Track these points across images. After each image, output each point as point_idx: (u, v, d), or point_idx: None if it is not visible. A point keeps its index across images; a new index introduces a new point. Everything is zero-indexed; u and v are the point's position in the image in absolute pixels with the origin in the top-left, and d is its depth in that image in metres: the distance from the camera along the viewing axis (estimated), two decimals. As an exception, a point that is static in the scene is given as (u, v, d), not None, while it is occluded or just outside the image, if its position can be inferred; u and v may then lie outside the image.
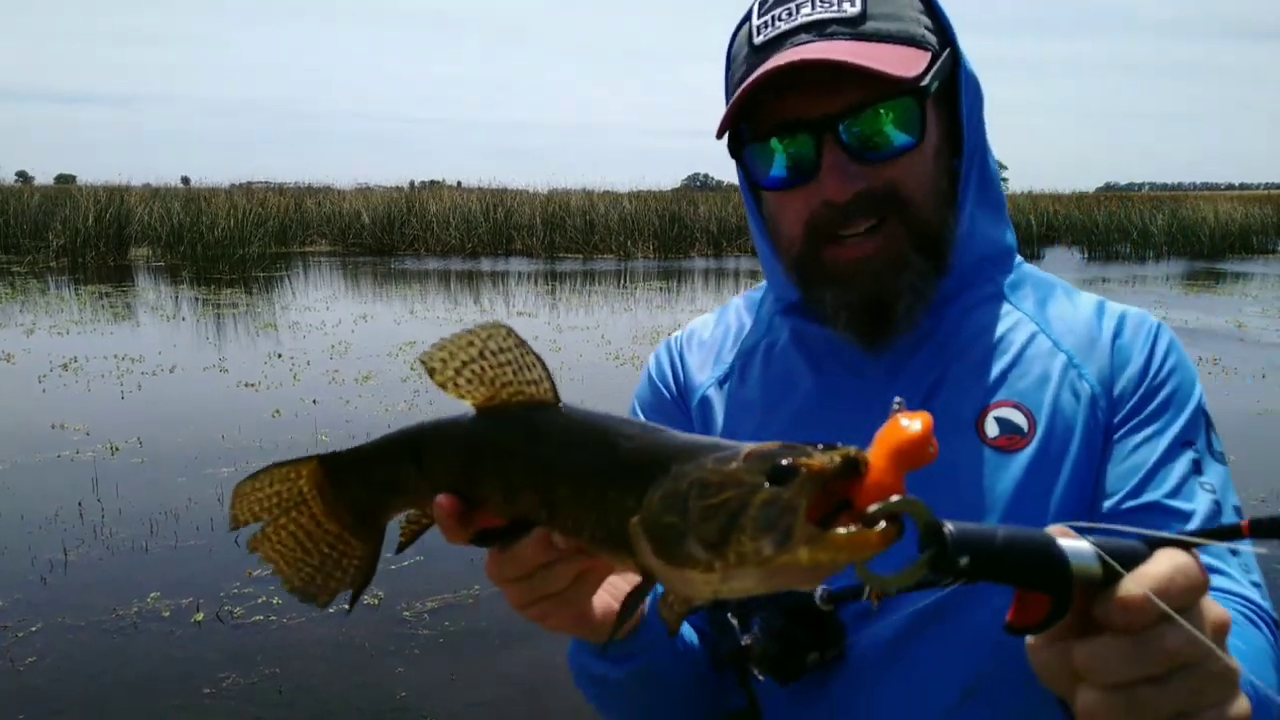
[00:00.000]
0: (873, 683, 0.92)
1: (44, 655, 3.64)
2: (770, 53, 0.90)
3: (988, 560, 0.53)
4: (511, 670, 3.57)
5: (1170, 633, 0.52)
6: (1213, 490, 0.90)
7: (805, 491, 0.51)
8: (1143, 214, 26.48)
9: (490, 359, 0.67)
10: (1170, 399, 0.95)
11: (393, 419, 7.02)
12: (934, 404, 0.95)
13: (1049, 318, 1.00)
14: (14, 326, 11.11)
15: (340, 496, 0.76)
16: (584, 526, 0.62)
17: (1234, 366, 9.29)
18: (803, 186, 0.92)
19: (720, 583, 0.53)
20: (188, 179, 52.69)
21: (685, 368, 1.10)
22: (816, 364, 1.00)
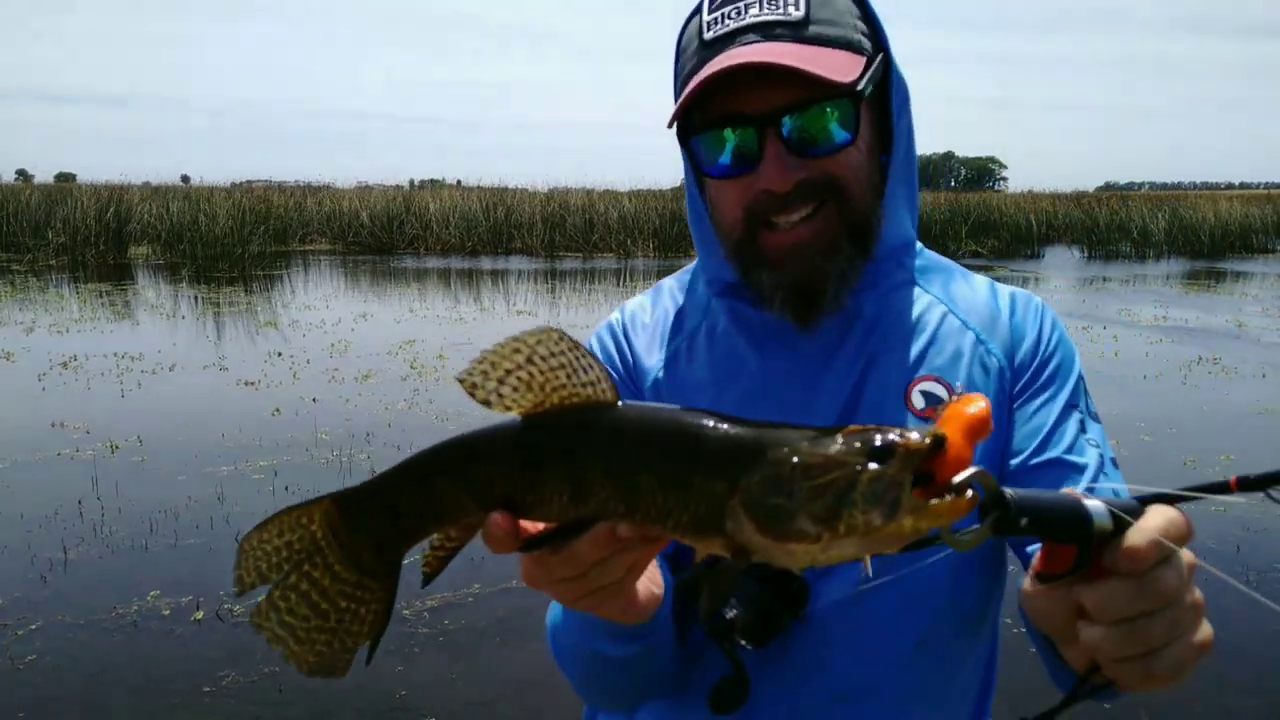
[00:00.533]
0: (833, 638, 0.99)
1: (44, 654, 3.64)
2: (720, 49, 0.96)
3: (1038, 520, 0.63)
4: (511, 670, 3.58)
5: (1166, 574, 0.64)
6: (1097, 445, 1.02)
7: (908, 467, 0.58)
8: (1143, 214, 26.48)
9: (540, 364, 0.66)
10: (1058, 369, 1.07)
11: (392, 417, 7.02)
12: (869, 380, 1.03)
13: (954, 298, 1.10)
14: (14, 325, 11.11)
15: (359, 536, 0.71)
16: (669, 515, 0.64)
17: (1234, 366, 9.29)
18: (744, 176, 0.98)
19: (820, 553, 0.60)
20: (188, 178, 52.69)
21: (633, 350, 1.14)
22: (758, 345, 1.07)
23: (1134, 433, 6.76)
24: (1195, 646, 0.67)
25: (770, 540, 0.61)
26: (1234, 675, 3.56)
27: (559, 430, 0.67)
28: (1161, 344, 10.56)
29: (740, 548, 0.63)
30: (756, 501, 0.61)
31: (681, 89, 1.00)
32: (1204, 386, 8.35)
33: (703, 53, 0.98)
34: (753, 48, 0.94)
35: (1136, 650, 0.66)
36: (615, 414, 0.66)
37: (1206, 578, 0.72)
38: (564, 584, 0.72)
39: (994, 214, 26.23)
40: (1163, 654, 0.66)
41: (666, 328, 1.14)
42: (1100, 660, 0.68)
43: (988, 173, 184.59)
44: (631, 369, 1.13)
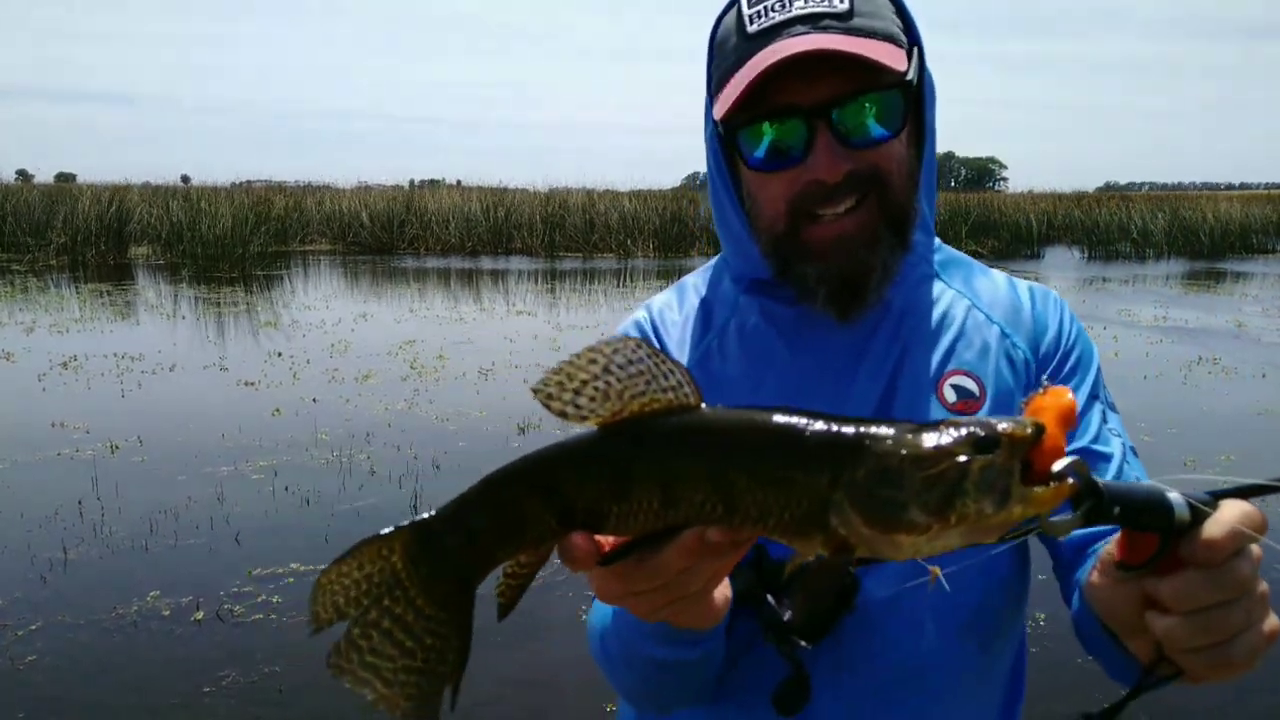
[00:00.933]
0: (880, 626, 1.00)
1: (44, 654, 3.64)
2: (766, 41, 0.95)
3: (1128, 509, 0.66)
4: (512, 670, 3.57)
5: (1240, 565, 0.66)
6: (1119, 435, 1.05)
7: (1015, 457, 0.60)
8: (1143, 214, 26.47)
9: (618, 372, 0.65)
10: (1080, 360, 1.08)
11: (392, 418, 7.02)
12: (902, 374, 1.04)
13: (977, 292, 1.12)
14: (14, 325, 11.11)
15: (442, 565, 0.67)
16: (769, 514, 0.64)
17: (1234, 366, 9.29)
18: (790, 169, 0.97)
19: (926, 543, 0.61)
20: (188, 178, 52.69)
21: (665, 349, 1.11)
22: (789, 341, 1.07)
23: (1134, 433, 6.67)
24: (1266, 635, 0.69)
25: (878, 532, 0.61)
26: (1234, 675, 3.56)
27: (646, 436, 0.65)
28: (1161, 344, 10.56)
29: (843, 543, 0.63)
30: (864, 494, 0.61)
31: (723, 82, 0.99)
32: (1204, 386, 8.35)
33: (747, 45, 0.97)
34: (807, 38, 0.93)
35: (1210, 640, 0.68)
36: (704, 416, 0.65)
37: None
38: (643, 596, 0.71)
39: (994, 214, 26.23)
40: (1237, 642, 0.68)
41: (695, 325, 1.13)
42: (1171, 650, 0.70)
43: (988, 173, 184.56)
44: None
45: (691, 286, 1.18)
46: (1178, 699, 3.39)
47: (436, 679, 0.68)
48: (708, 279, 1.18)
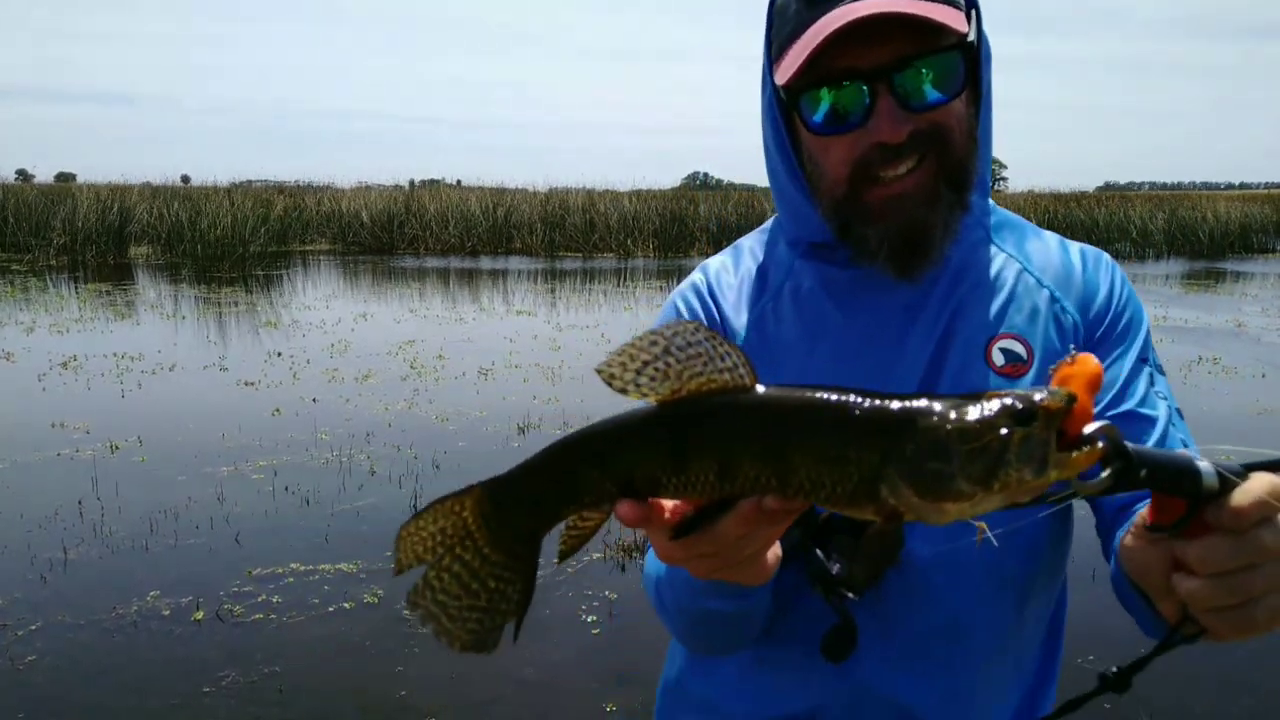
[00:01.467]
0: (923, 582, 1.03)
1: (44, 654, 3.64)
2: (828, 7, 0.96)
3: (1155, 472, 0.70)
4: (511, 670, 3.57)
5: (1264, 533, 0.70)
6: (1165, 398, 1.06)
7: (1051, 427, 0.64)
8: (1143, 214, 26.47)
9: (677, 354, 0.69)
10: (1130, 323, 1.10)
11: (392, 417, 7.02)
12: (954, 335, 1.06)
13: (1029, 255, 1.12)
14: (14, 325, 11.11)
15: (508, 521, 0.74)
16: (822, 487, 0.68)
17: (1234, 366, 9.29)
18: (852, 131, 0.99)
19: (971, 509, 0.66)
20: (188, 178, 52.69)
21: (721, 311, 1.15)
22: (843, 305, 1.09)
23: (1134, 433, 6.76)
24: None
25: (927, 502, 0.66)
26: (1234, 675, 3.56)
27: (705, 412, 0.69)
28: (1161, 344, 10.54)
29: (893, 511, 0.67)
30: (914, 467, 0.65)
31: (784, 46, 1.01)
32: (1204, 386, 8.35)
33: (808, 12, 0.98)
34: (869, 2, 0.94)
35: (1233, 600, 0.71)
36: (760, 395, 0.69)
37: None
38: (701, 559, 0.76)
39: (994, 214, 26.23)
40: (1258, 605, 0.72)
41: (751, 287, 1.15)
42: (1195, 610, 0.74)
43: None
44: (720, 328, 1.14)
45: (748, 249, 1.20)
46: (1177, 699, 3.39)
47: (498, 616, 0.75)
48: (764, 241, 1.20)
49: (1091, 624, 3.92)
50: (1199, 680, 3.52)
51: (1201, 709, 3.34)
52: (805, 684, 1.08)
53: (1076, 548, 1.18)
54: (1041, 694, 1.15)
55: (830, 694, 1.07)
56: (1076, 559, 1.21)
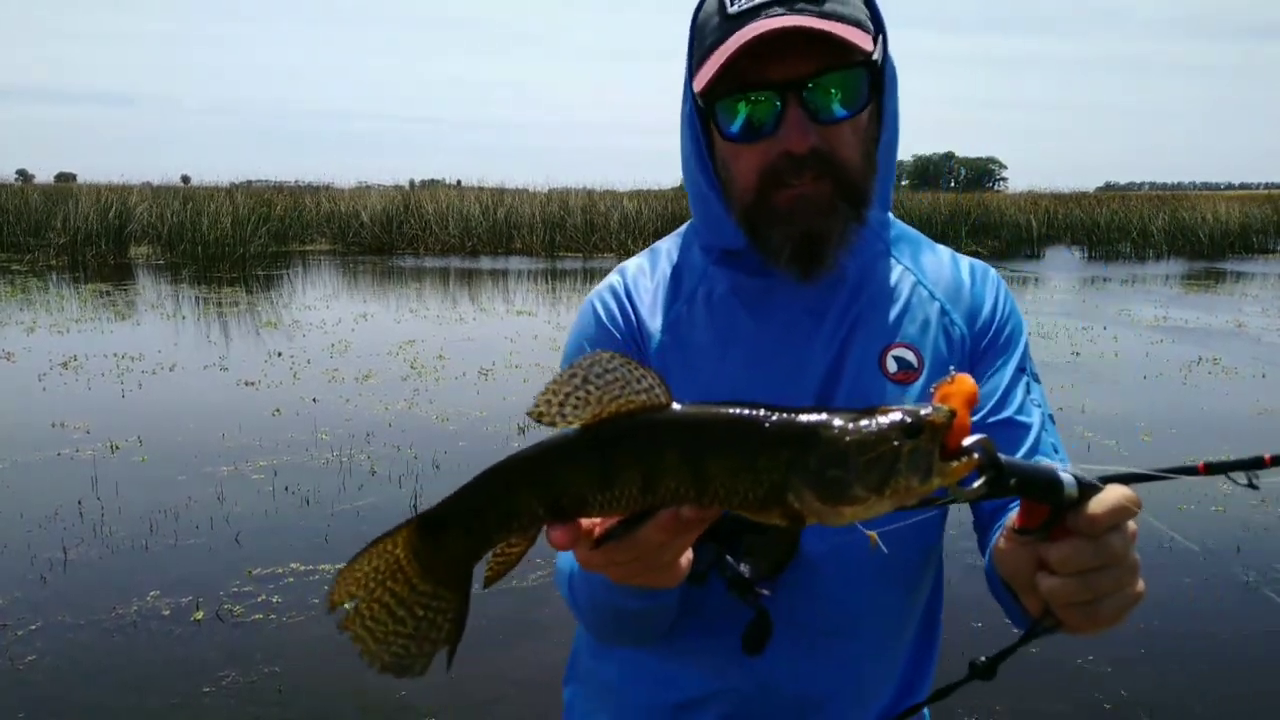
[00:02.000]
0: (819, 575, 1.12)
1: (44, 654, 3.64)
2: (746, 21, 1.03)
3: (1024, 482, 0.77)
4: (512, 670, 3.57)
5: (1115, 539, 0.79)
6: (1039, 405, 1.16)
7: (936, 440, 0.71)
8: (1143, 214, 26.47)
9: (595, 381, 0.74)
10: (1010, 336, 1.19)
11: (392, 417, 7.02)
12: (853, 343, 1.14)
13: (923, 268, 1.21)
14: (14, 325, 11.11)
15: (440, 553, 0.78)
16: (735, 494, 0.74)
17: (1234, 366, 9.29)
18: (763, 140, 1.06)
19: (864, 512, 0.72)
20: (188, 178, 52.69)
21: (637, 313, 1.20)
22: (753, 311, 1.16)
23: (1134, 433, 6.76)
24: (1132, 597, 0.82)
25: (828, 506, 0.72)
26: (1234, 675, 3.56)
27: (627, 431, 0.74)
28: (1161, 344, 10.56)
29: (797, 515, 0.74)
30: (817, 475, 0.72)
31: (703, 58, 1.07)
32: (1204, 387, 8.35)
33: (727, 25, 1.04)
34: (781, 18, 1.01)
35: (1086, 597, 0.80)
36: (677, 412, 0.74)
37: (1208, 576, 0.73)
38: (622, 565, 0.81)
39: (994, 214, 26.23)
40: (1107, 602, 0.80)
41: (666, 290, 1.21)
42: (1054, 605, 0.82)
43: (988, 173, 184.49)
44: (635, 330, 1.19)
45: (664, 253, 1.26)
46: (1178, 699, 3.39)
47: (427, 644, 0.79)
48: (680, 245, 1.25)
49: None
50: (1199, 681, 3.52)
51: (1202, 709, 3.34)
52: (704, 671, 1.16)
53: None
54: (921, 677, 1.24)
55: (728, 681, 1.14)
56: None
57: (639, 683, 1.21)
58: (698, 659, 1.16)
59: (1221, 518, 5.15)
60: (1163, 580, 4.35)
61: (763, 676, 1.13)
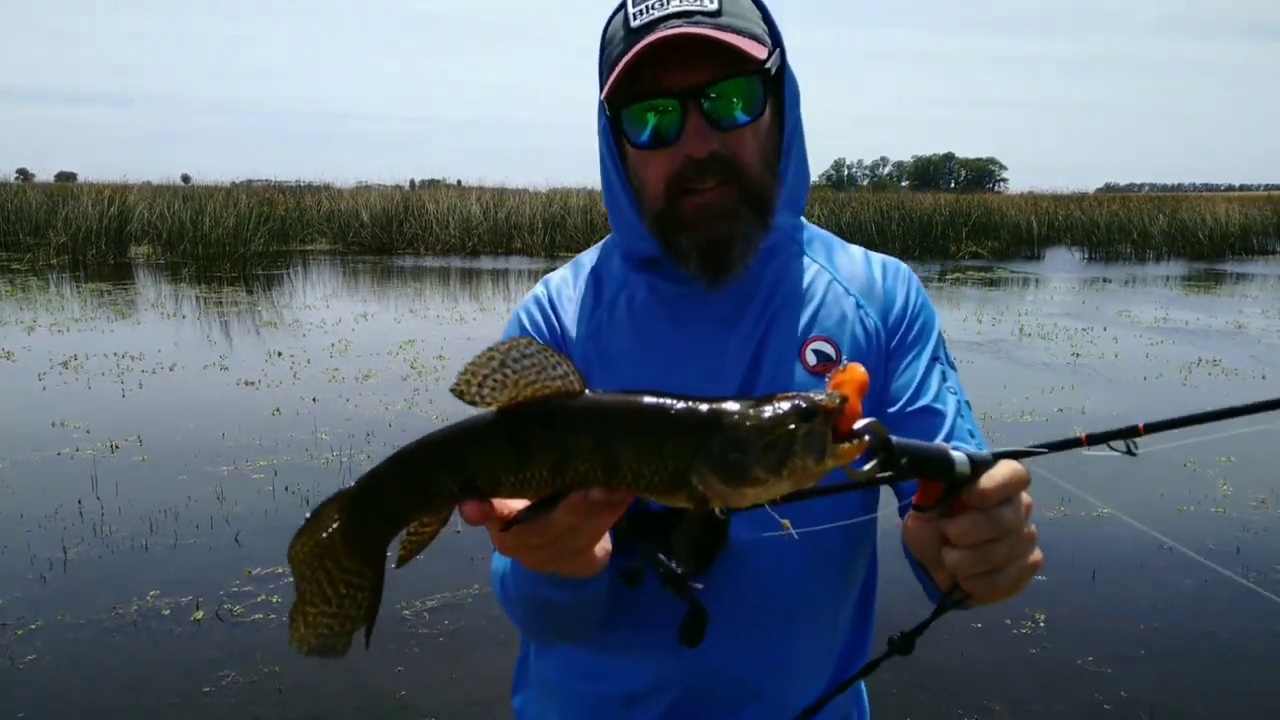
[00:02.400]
0: (751, 564, 1.16)
1: (44, 653, 3.64)
2: (647, 34, 1.08)
3: (914, 460, 0.82)
4: (511, 670, 3.57)
5: (1007, 511, 0.83)
6: (955, 392, 1.21)
7: (829, 423, 0.76)
8: (1143, 215, 26.46)
9: (513, 365, 0.77)
10: (924, 328, 1.25)
11: (392, 417, 7.02)
12: (769, 340, 1.19)
13: (837, 267, 1.26)
14: (14, 324, 11.12)
15: (364, 528, 0.80)
16: (642, 478, 0.77)
17: (1234, 367, 9.29)
18: (668, 147, 1.11)
19: (765, 493, 0.76)
20: (188, 177, 52.70)
21: (561, 322, 1.25)
22: (673, 314, 1.21)
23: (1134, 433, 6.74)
24: (1029, 566, 0.86)
25: (730, 488, 0.76)
26: (1234, 675, 3.56)
27: (541, 414, 0.77)
28: (1162, 345, 10.57)
29: (702, 497, 0.77)
30: (719, 458, 0.76)
31: (610, 69, 1.12)
32: (1204, 388, 8.35)
33: (630, 38, 1.09)
34: (679, 28, 1.07)
35: (984, 569, 0.84)
36: (589, 398, 0.78)
37: (1208, 577, 0.73)
38: (536, 550, 0.84)
39: (994, 215, 26.22)
40: (1004, 572, 0.84)
41: (588, 299, 1.25)
42: (958, 577, 0.86)
43: (988, 174, 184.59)
44: (559, 338, 1.24)
45: (586, 264, 1.30)
46: (1178, 699, 3.39)
47: (348, 623, 0.81)
48: (600, 257, 1.30)
49: (1085, 626, 3.93)
50: (1199, 681, 3.52)
51: (1202, 709, 3.34)
52: (645, 664, 1.20)
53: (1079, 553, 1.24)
54: (858, 655, 1.29)
55: (669, 671, 1.18)
56: (1076, 563, 1.26)
57: (583, 679, 1.25)
58: (637, 653, 1.20)
59: (1221, 518, 5.15)
60: (1163, 581, 4.35)
61: (703, 665, 1.17)
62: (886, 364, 1.22)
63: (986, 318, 12.65)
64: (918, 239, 24.39)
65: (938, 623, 0.94)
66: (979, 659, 3.65)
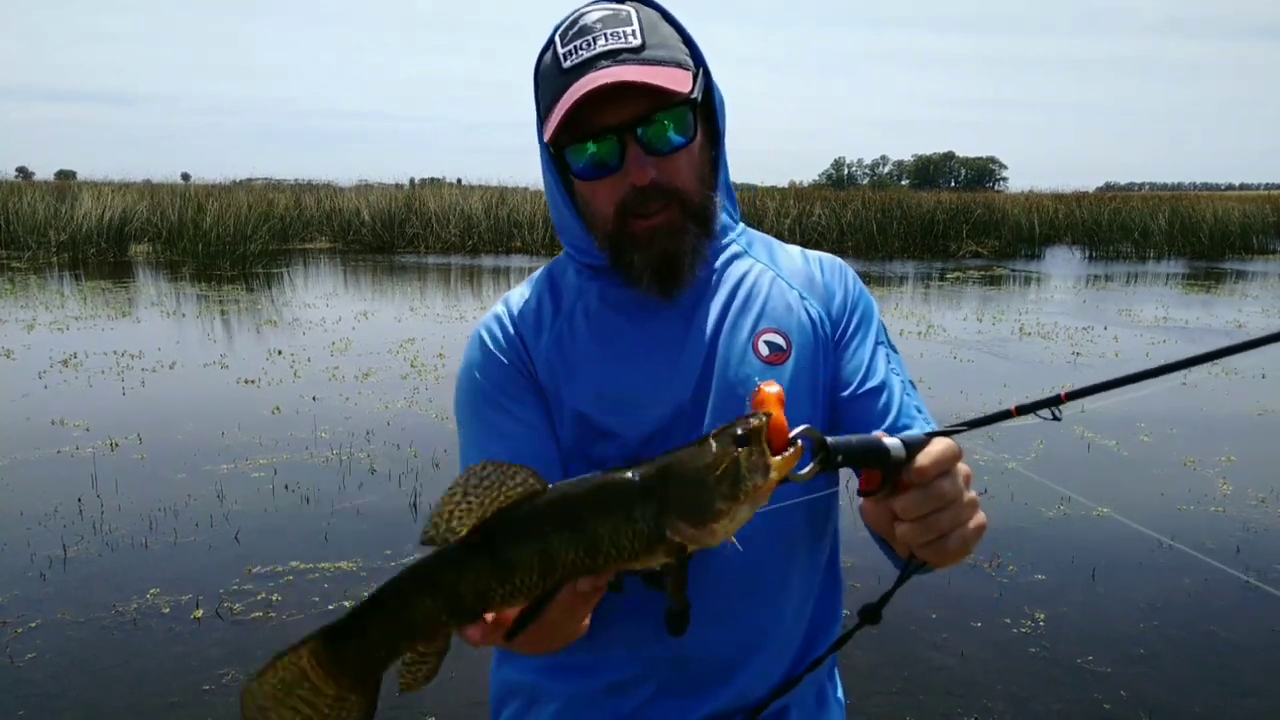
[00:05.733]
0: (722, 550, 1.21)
1: (43, 652, 3.64)
2: (579, 74, 1.15)
3: (850, 456, 0.91)
4: (511, 668, 3.57)
5: (944, 483, 0.92)
6: (899, 373, 1.31)
7: (761, 440, 0.83)
8: (1143, 214, 26.45)
9: (474, 491, 0.81)
10: (865, 315, 1.33)
11: (392, 416, 7.02)
12: (722, 336, 1.25)
13: (779, 264, 1.34)
14: (14, 322, 11.12)
15: (342, 665, 0.83)
16: (624, 549, 0.82)
17: (1234, 367, 9.29)
18: (611, 176, 1.18)
19: (730, 523, 0.82)
20: (188, 176, 52.68)
21: (522, 337, 1.29)
22: (629, 317, 1.27)
23: (1134, 434, 6.75)
24: (974, 530, 0.95)
25: (700, 529, 0.82)
26: (1234, 675, 3.56)
27: (513, 520, 0.81)
28: (1162, 344, 10.56)
29: (679, 547, 0.83)
30: (682, 503, 0.81)
31: (549, 109, 1.18)
32: (1204, 387, 8.35)
33: (563, 78, 1.16)
34: (608, 70, 1.13)
35: (931, 536, 0.92)
36: (553, 493, 0.82)
37: (1208, 576, 0.73)
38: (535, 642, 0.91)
39: (995, 214, 26.20)
40: (950, 537, 0.93)
41: (547, 311, 1.30)
42: (912, 548, 0.95)
43: (988, 173, 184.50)
44: (521, 352, 1.28)
45: (543, 279, 1.36)
46: (1178, 699, 3.39)
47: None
48: (556, 271, 1.36)
49: (1085, 626, 3.93)
50: (1199, 681, 3.52)
51: (1202, 709, 3.33)
52: (626, 655, 1.26)
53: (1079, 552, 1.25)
54: (831, 623, 1.35)
55: (650, 660, 1.25)
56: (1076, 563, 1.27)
57: (564, 673, 1.30)
58: (620, 646, 1.25)
59: (1221, 518, 5.15)
60: (1162, 580, 4.35)
61: (682, 650, 1.23)
62: (835, 353, 1.30)
63: (987, 317, 12.64)
64: (918, 238, 24.38)
65: (936, 620, 0.97)
66: (979, 659, 3.65)
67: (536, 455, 1.22)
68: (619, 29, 1.17)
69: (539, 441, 1.23)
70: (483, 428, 1.28)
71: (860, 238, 24.31)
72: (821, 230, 24.41)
